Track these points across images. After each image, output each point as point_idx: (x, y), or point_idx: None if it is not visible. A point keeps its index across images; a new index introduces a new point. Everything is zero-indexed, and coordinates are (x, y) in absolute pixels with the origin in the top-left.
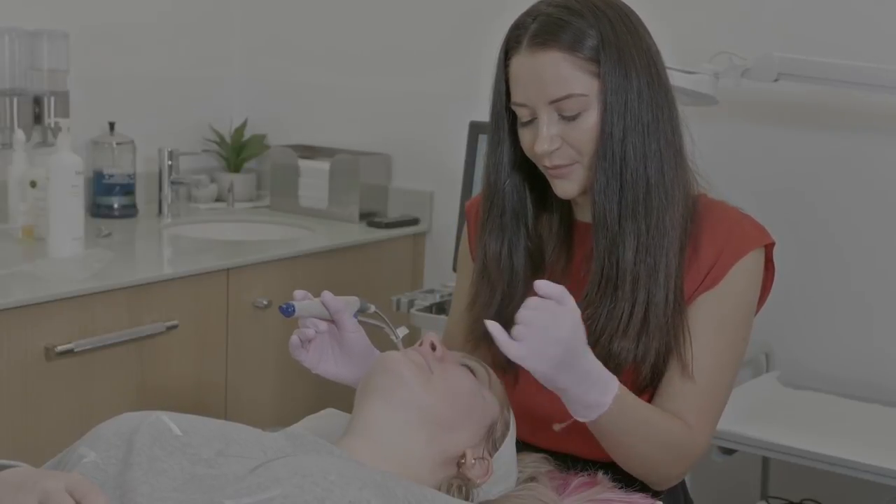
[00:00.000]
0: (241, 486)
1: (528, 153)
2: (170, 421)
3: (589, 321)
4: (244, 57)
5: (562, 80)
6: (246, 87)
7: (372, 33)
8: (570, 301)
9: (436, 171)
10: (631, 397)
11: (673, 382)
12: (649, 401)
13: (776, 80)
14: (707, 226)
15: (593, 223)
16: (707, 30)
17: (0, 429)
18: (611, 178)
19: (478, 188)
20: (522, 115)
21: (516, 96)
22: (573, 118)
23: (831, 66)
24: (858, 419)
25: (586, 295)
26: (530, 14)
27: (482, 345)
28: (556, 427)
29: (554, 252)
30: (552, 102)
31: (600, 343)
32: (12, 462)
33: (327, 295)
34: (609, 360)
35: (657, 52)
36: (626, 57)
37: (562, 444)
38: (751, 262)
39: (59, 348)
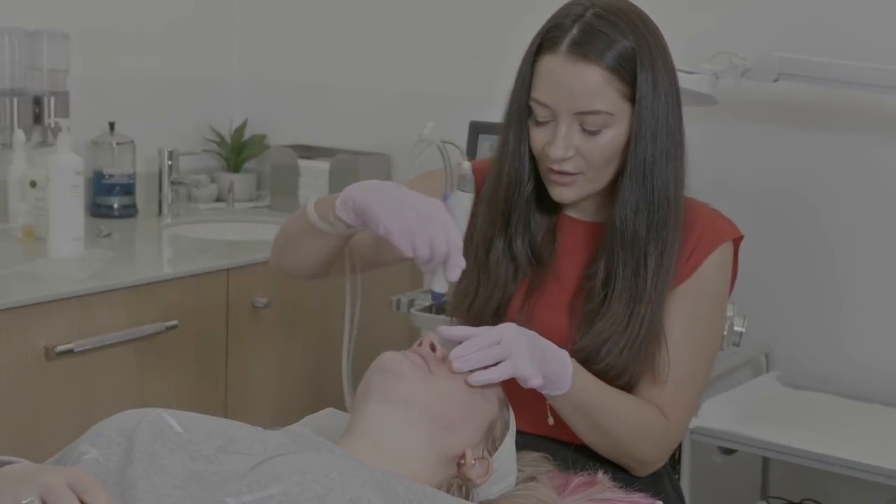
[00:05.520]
0: (242, 484)
1: (535, 150)
2: (170, 418)
3: (609, 341)
4: (244, 57)
5: (595, 95)
6: (246, 87)
7: (372, 34)
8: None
9: None
10: (589, 375)
11: (645, 385)
12: None
13: (776, 80)
14: (684, 227)
15: (617, 245)
16: (707, 30)
17: (0, 429)
18: (641, 199)
19: None
20: (541, 114)
21: (541, 95)
22: (593, 133)
23: (831, 66)
24: (858, 419)
25: (612, 316)
26: (569, 16)
27: None
28: (551, 421)
29: (540, 246)
30: (578, 113)
31: (607, 359)
32: (13, 458)
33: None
34: (607, 372)
35: (675, 68)
36: (660, 81)
37: (562, 433)
38: (721, 255)
39: (59, 348)
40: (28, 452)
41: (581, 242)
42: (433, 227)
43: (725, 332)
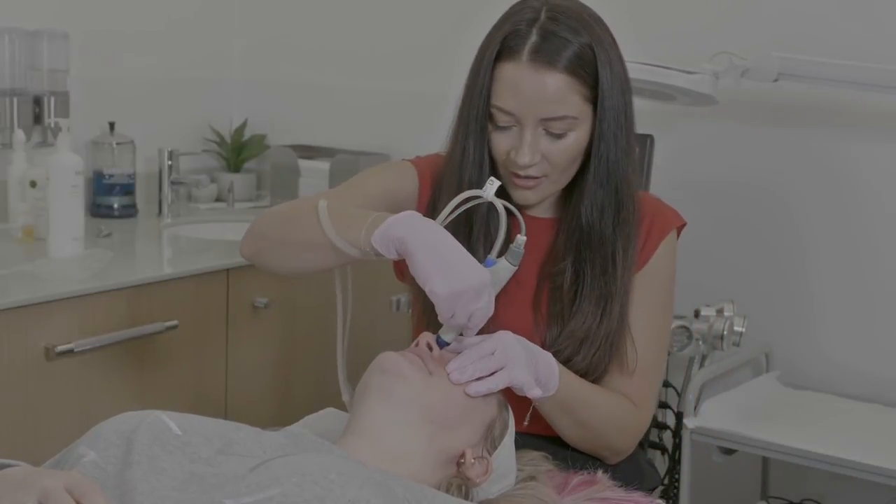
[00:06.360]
0: (241, 486)
1: (498, 156)
2: (169, 420)
3: (587, 341)
4: (244, 57)
5: (560, 101)
6: (246, 87)
7: (372, 33)
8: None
9: None
10: (570, 373)
11: (613, 375)
12: None
13: (776, 81)
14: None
15: (584, 245)
16: (707, 30)
17: (0, 429)
18: (606, 199)
19: None
20: (502, 120)
21: (504, 102)
22: (559, 136)
23: (831, 66)
24: (858, 419)
25: (583, 315)
26: (523, 21)
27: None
28: (526, 421)
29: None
30: (543, 119)
31: (587, 359)
32: (12, 461)
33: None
34: (586, 370)
35: (625, 62)
36: (616, 79)
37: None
38: (670, 243)
39: (59, 348)
40: (28, 452)
41: (536, 239)
42: (479, 302)
43: (725, 332)
